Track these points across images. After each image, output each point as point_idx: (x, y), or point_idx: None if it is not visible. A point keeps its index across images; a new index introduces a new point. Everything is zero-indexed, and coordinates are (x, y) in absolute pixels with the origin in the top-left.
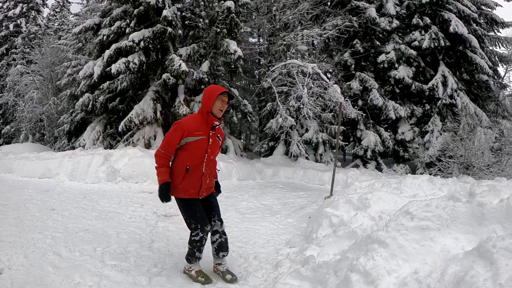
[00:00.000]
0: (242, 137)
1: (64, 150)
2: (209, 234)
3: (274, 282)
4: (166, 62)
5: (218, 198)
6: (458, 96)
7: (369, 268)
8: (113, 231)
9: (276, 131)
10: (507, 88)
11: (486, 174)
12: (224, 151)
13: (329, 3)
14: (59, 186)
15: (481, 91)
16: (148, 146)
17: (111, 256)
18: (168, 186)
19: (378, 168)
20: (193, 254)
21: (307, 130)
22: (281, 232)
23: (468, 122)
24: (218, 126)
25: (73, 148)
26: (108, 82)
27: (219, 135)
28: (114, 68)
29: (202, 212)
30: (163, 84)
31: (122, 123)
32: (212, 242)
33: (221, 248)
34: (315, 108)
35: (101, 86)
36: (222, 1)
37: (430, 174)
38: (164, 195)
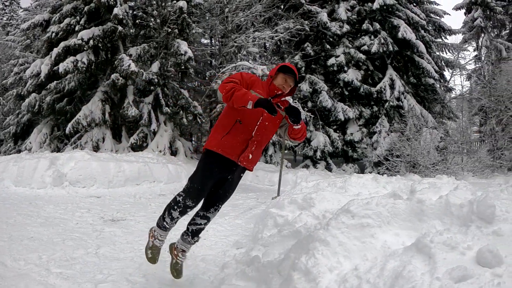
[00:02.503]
0: (193, 139)
1: (10, 154)
2: (196, 215)
3: (220, 284)
4: (115, 62)
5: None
6: (405, 98)
7: (310, 266)
8: (58, 238)
9: None
10: (453, 91)
11: (432, 172)
12: (174, 153)
13: (282, 6)
14: (4, 192)
15: (427, 94)
16: (96, 149)
17: (57, 263)
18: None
19: (328, 168)
20: (163, 218)
21: None
22: (229, 233)
23: (414, 123)
24: (283, 100)
25: (19, 151)
26: (55, 82)
27: (280, 104)
28: (62, 67)
29: (204, 187)
30: (112, 85)
31: (69, 125)
32: (193, 224)
33: (198, 233)
34: None
35: (48, 86)
36: (175, 1)
37: (378, 173)
38: (269, 105)
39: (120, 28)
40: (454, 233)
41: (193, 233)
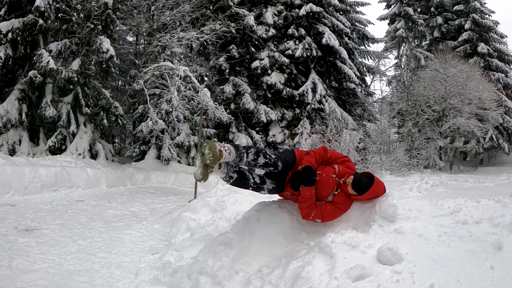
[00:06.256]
0: (116, 141)
1: None
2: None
3: None
4: (34, 58)
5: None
6: (326, 101)
7: (216, 269)
8: None
9: (146, 134)
10: (373, 96)
11: None
12: (94, 156)
13: (211, 7)
14: None
15: (348, 98)
16: (12, 152)
17: None
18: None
19: None
20: (247, 149)
21: (178, 134)
22: (145, 239)
23: (335, 125)
24: (344, 194)
25: None
26: None
27: (338, 189)
28: None
29: (290, 165)
30: (29, 83)
31: None
32: (248, 170)
33: (244, 171)
34: (185, 111)
35: None
36: None
37: None
38: (298, 178)
39: (41, 21)
40: (356, 232)
41: (248, 167)
